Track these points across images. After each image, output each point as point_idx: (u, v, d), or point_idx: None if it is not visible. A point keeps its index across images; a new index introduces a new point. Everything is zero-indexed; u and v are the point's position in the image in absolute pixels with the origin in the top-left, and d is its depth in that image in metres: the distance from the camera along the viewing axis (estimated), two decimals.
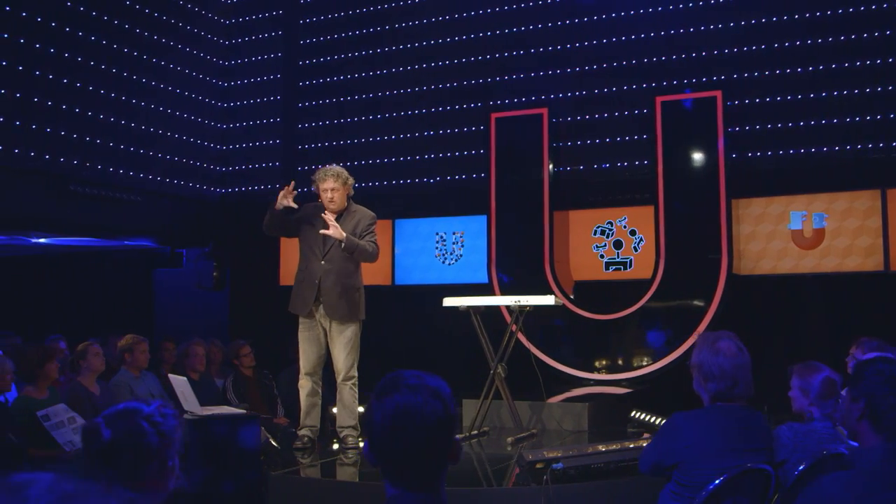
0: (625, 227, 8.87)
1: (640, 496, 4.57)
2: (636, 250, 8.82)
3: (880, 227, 7.76)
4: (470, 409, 7.37)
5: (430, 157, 9.99)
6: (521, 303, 6.16)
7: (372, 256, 5.92)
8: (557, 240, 8.83)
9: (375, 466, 1.88)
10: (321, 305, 5.80)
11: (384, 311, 8.43)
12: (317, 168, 10.45)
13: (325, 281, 5.78)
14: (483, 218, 9.14)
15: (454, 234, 9.61)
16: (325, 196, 5.86)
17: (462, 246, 9.57)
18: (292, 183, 5.92)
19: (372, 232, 5.96)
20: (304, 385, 5.83)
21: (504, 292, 8.58)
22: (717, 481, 3.27)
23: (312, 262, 5.87)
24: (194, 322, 10.40)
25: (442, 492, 1.85)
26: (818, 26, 8.33)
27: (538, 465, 4.54)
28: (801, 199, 8.14)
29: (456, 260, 9.60)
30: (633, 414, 6.79)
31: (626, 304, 8.36)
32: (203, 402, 6.05)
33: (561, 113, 9.18)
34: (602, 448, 4.77)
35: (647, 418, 6.62)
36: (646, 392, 7.69)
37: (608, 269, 8.93)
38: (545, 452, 4.58)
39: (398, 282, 9.71)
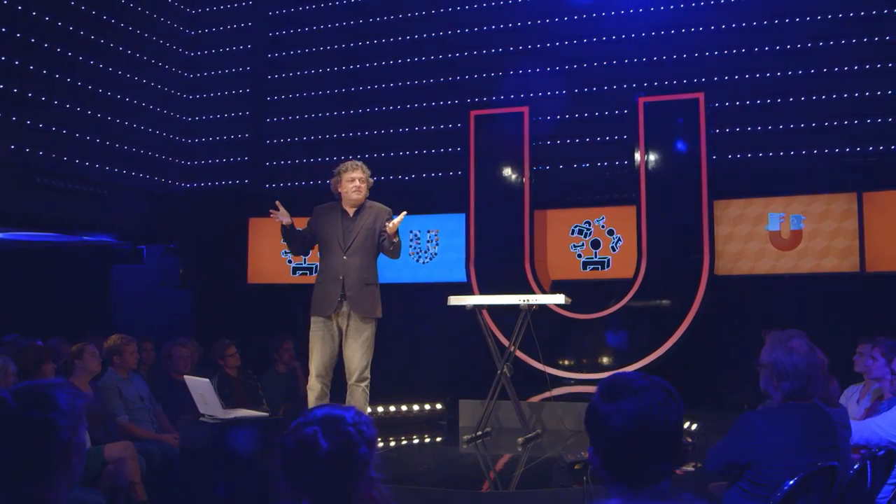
0: (603, 226, 8.91)
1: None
2: (614, 250, 8.86)
3: (856, 229, 7.95)
4: (464, 410, 7.30)
5: (404, 154, 9.84)
6: (531, 301, 6.09)
7: (400, 250, 5.90)
8: (535, 239, 8.81)
9: (600, 474, 1.78)
10: (344, 302, 5.65)
11: None
12: (286, 164, 10.36)
13: (349, 275, 5.67)
14: (458, 216, 9.04)
15: (429, 232, 9.48)
16: (352, 185, 5.86)
17: (437, 244, 9.45)
18: (276, 203, 5.84)
19: None
20: (314, 387, 5.62)
21: (483, 291, 8.50)
22: (791, 481, 3.26)
23: (334, 258, 5.75)
24: (155, 321, 10.02)
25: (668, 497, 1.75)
26: (798, 31, 8.50)
27: (576, 467, 4.50)
28: (778, 201, 8.29)
29: (430, 258, 9.47)
30: None
31: (604, 304, 8.38)
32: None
33: (542, 112, 9.15)
34: None
35: None
36: None
37: (585, 268, 8.95)
38: (584, 453, 4.53)
39: None
